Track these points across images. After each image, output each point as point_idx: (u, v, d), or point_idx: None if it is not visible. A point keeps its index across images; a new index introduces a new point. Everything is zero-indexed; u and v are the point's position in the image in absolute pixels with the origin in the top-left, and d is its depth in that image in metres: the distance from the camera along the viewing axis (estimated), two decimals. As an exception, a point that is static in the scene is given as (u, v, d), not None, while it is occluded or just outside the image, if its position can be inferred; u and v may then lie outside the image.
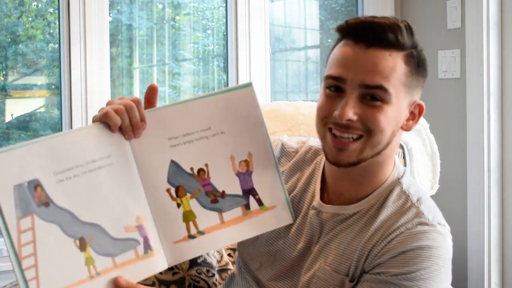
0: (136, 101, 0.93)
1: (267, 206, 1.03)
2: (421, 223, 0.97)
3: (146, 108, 0.97)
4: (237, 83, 2.30)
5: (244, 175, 1.02)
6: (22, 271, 0.81)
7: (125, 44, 2.30)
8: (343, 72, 0.96)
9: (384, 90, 0.94)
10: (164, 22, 2.41)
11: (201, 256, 1.31)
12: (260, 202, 1.03)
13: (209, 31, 2.52)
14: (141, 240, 0.94)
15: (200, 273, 1.30)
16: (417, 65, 0.98)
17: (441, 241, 0.96)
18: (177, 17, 2.44)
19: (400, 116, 0.98)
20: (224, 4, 2.37)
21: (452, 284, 1.02)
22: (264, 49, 2.37)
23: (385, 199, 1.01)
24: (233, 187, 1.01)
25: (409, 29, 0.97)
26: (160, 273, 1.24)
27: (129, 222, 0.93)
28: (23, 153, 0.83)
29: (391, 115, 0.96)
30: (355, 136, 0.96)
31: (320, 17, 2.73)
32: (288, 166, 1.15)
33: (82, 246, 0.87)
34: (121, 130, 0.93)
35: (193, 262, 1.29)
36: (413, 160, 1.62)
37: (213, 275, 1.32)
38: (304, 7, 2.70)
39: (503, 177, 2.29)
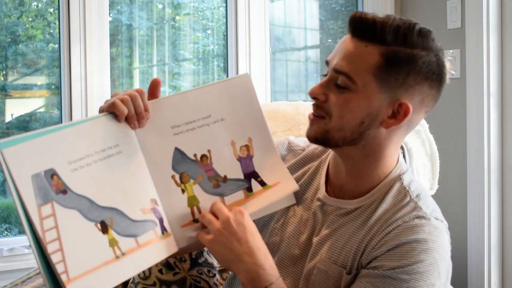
0: (140, 92, 0.98)
1: (270, 184, 1.06)
2: (418, 217, 0.98)
3: (149, 100, 1.01)
4: (237, 83, 2.30)
5: (245, 160, 1.05)
6: (46, 255, 0.84)
7: (125, 44, 2.30)
8: (330, 56, 1.03)
9: (348, 77, 0.97)
10: (164, 22, 2.41)
11: (202, 256, 1.31)
12: (262, 183, 1.06)
13: (209, 31, 2.52)
14: (157, 221, 0.98)
15: (201, 273, 1.30)
16: (399, 62, 0.96)
17: (437, 235, 0.97)
18: (177, 17, 2.44)
19: (374, 109, 0.98)
20: (224, 4, 2.37)
21: (452, 284, 1.02)
22: (264, 49, 2.37)
23: (386, 194, 1.03)
24: (235, 172, 1.04)
25: (409, 28, 0.96)
26: (161, 273, 1.25)
27: (144, 205, 0.97)
28: (37, 144, 0.87)
29: (356, 104, 0.97)
30: (322, 115, 1.00)
31: (320, 17, 2.73)
32: (295, 161, 1.17)
33: (104, 229, 0.91)
34: (127, 119, 0.97)
35: (194, 263, 1.29)
36: (412, 160, 1.62)
37: (214, 275, 1.33)
38: (304, 7, 2.70)
39: (503, 177, 2.29)
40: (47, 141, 0.88)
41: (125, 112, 0.95)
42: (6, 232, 2.08)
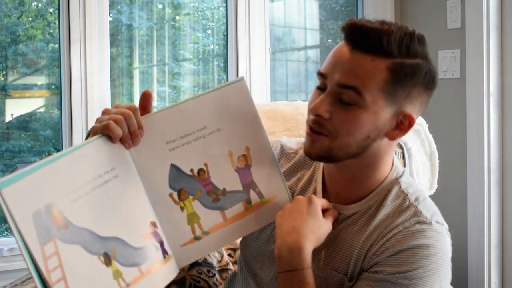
0: (133, 109, 0.94)
1: (268, 198, 1.04)
2: (419, 222, 0.97)
3: (141, 115, 0.97)
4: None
5: (244, 170, 1.02)
6: None
7: (125, 44, 2.30)
8: (326, 69, 0.98)
9: (358, 92, 0.93)
10: (164, 22, 2.41)
11: (202, 256, 1.31)
12: (260, 195, 1.03)
13: (209, 31, 2.52)
14: (158, 245, 0.95)
15: (200, 273, 1.30)
16: (405, 75, 0.95)
17: (439, 239, 0.96)
18: (177, 17, 2.44)
19: (381, 123, 0.97)
20: (224, 4, 2.37)
21: (452, 284, 1.02)
22: (264, 49, 2.37)
23: (384, 199, 1.02)
24: (234, 183, 1.02)
25: (411, 37, 0.95)
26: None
27: (144, 230, 0.94)
28: (35, 178, 0.82)
29: (365, 120, 0.95)
30: (325, 133, 0.97)
31: (320, 17, 2.73)
32: (288, 166, 1.15)
33: (107, 261, 0.87)
34: (121, 139, 0.94)
35: (194, 262, 1.29)
36: (412, 160, 1.62)
37: (214, 275, 1.33)
38: (304, 7, 2.70)
39: (503, 177, 2.29)
40: (45, 173, 0.83)
41: (120, 134, 0.92)
42: (6, 232, 2.08)
